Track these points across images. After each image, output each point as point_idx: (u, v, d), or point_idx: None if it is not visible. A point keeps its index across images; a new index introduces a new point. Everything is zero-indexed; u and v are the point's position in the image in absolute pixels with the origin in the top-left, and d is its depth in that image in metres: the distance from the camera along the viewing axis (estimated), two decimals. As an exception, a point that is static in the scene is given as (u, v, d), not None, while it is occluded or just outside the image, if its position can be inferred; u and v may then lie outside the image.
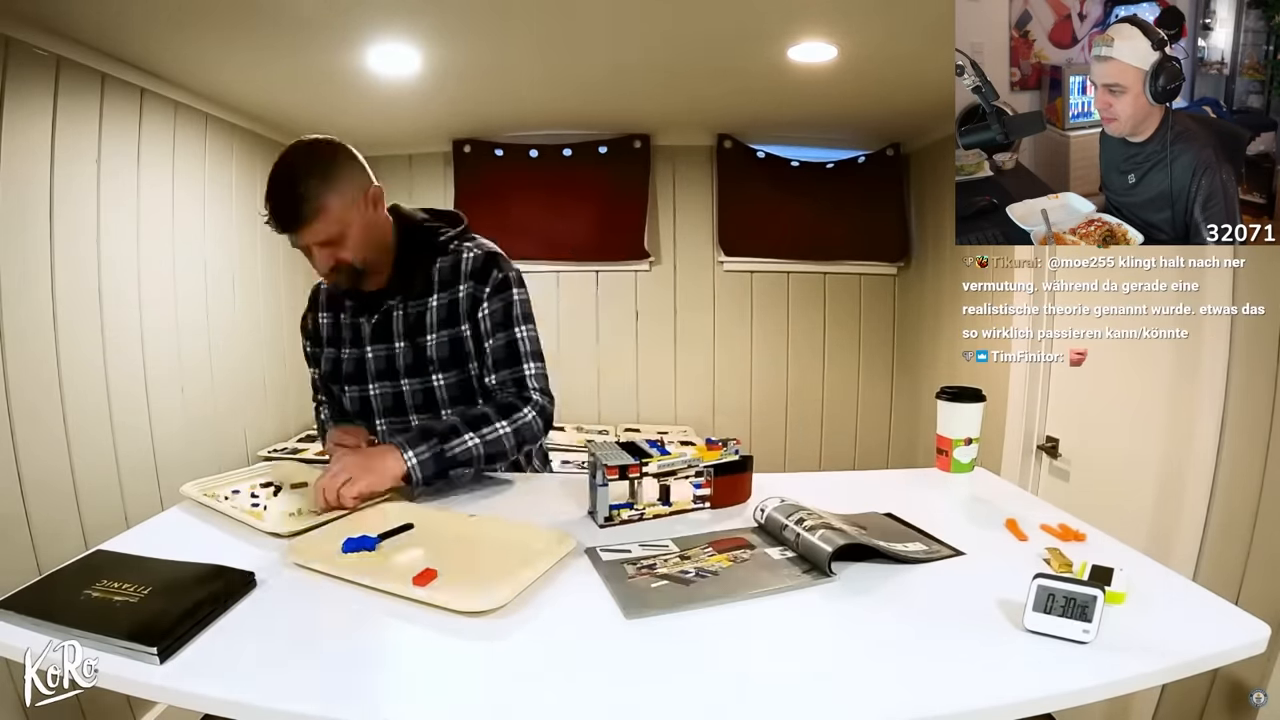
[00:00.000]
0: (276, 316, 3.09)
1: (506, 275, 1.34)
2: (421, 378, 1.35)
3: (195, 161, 2.59)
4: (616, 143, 3.32)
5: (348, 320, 1.40)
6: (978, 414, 1.32)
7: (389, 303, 1.35)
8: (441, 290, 1.34)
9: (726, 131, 3.34)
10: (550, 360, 1.40)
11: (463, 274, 1.33)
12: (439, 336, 1.34)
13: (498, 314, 1.33)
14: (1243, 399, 1.59)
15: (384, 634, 0.82)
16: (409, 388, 1.36)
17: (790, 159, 3.37)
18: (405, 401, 1.37)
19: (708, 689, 0.71)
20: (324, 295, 1.45)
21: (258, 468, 1.37)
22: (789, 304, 3.50)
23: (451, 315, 1.33)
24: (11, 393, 1.78)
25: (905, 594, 0.90)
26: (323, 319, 1.44)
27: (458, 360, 1.34)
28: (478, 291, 1.33)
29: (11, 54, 1.79)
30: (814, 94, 2.66)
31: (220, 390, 2.70)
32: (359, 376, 1.39)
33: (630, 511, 1.13)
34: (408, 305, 1.35)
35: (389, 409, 1.39)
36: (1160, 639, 0.79)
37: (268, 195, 1.20)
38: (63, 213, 1.96)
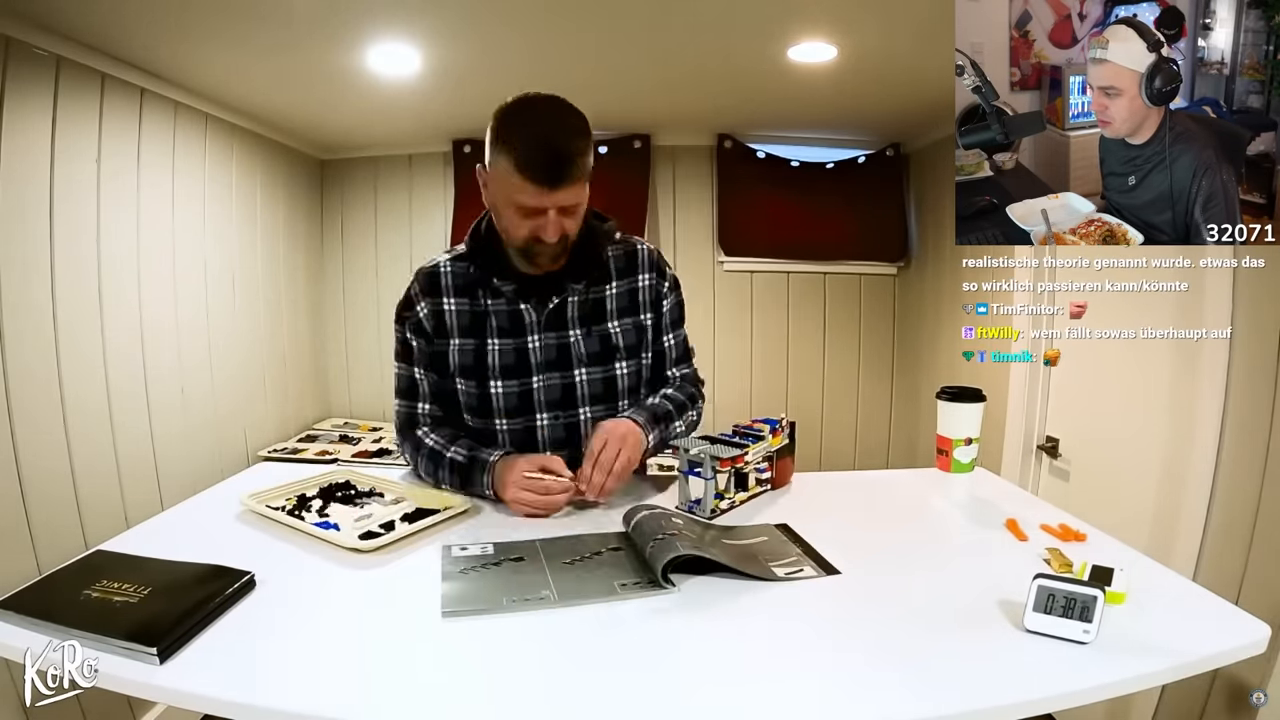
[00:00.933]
0: (276, 316, 3.09)
1: (676, 275, 1.38)
2: (604, 366, 1.29)
3: (195, 161, 2.59)
4: (616, 143, 3.32)
5: (502, 307, 1.27)
6: (978, 414, 1.32)
7: (572, 287, 1.27)
8: (619, 279, 1.31)
9: (726, 131, 3.34)
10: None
11: (640, 265, 1.33)
12: (622, 324, 1.31)
13: (676, 310, 1.37)
14: (1243, 399, 1.59)
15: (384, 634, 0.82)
16: (586, 377, 1.29)
17: (790, 159, 3.37)
18: (578, 392, 1.29)
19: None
20: (450, 280, 1.28)
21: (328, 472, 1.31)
22: (789, 304, 3.50)
23: (632, 304, 1.32)
24: (11, 393, 1.78)
25: (905, 594, 0.90)
26: (450, 306, 1.28)
27: (638, 349, 1.32)
28: (659, 284, 1.34)
29: (11, 54, 1.79)
30: (814, 94, 2.66)
31: (220, 390, 2.70)
32: (519, 369, 1.27)
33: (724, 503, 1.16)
34: (588, 292, 1.29)
35: (555, 402, 1.28)
36: (1160, 639, 0.79)
37: (533, 142, 1.11)
38: (63, 213, 1.96)
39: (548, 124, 1.13)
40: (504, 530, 1.09)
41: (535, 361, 1.27)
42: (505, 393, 1.27)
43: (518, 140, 1.12)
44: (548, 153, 1.11)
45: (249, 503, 1.14)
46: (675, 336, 1.37)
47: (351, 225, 3.48)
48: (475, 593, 0.88)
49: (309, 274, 3.36)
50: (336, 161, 3.44)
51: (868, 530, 1.11)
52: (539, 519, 1.13)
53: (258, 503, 1.14)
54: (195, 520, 1.15)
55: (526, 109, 1.15)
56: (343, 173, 3.44)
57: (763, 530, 1.09)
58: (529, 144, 1.11)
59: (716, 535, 1.04)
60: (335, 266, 3.48)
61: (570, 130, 1.13)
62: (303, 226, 3.34)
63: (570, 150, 1.11)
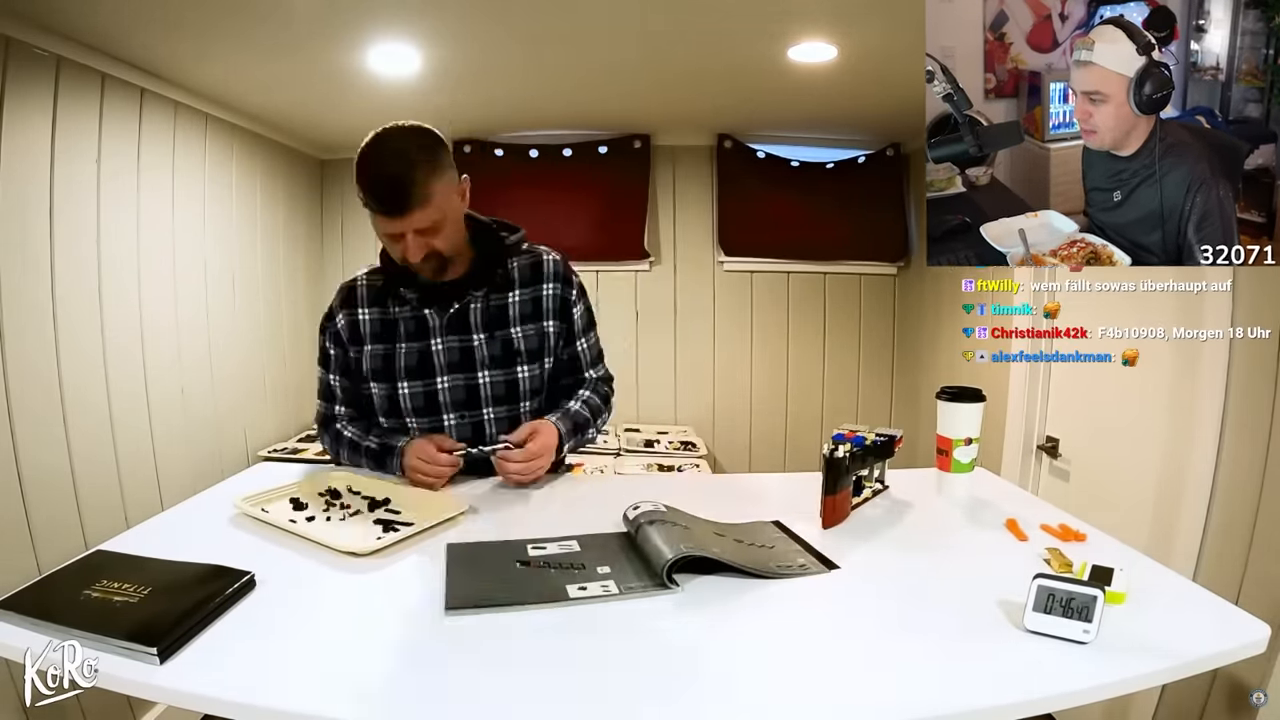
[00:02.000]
0: (276, 316, 3.09)
1: (582, 282, 1.45)
2: (506, 369, 1.37)
3: (195, 161, 2.59)
4: (616, 143, 3.32)
5: (407, 314, 1.36)
6: (978, 414, 1.31)
7: (472, 294, 1.35)
8: (523, 287, 1.39)
9: (726, 131, 3.34)
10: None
11: (545, 275, 1.40)
12: (525, 330, 1.38)
13: (584, 316, 1.46)
14: (1243, 399, 1.59)
15: (384, 633, 0.82)
16: (489, 379, 1.36)
17: (790, 159, 3.37)
18: (482, 394, 1.37)
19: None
20: (365, 291, 1.40)
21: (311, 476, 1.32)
22: (789, 304, 3.50)
23: (536, 311, 1.39)
24: (11, 393, 1.78)
25: (905, 593, 0.90)
26: (364, 315, 1.39)
27: (541, 354, 1.39)
28: (565, 293, 1.41)
29: (11, 54, 1.79)
30: (814, 94, 2.66)
31: (220, 390, 2.70)
32: (423, 370, 1.36)
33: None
34: (490, 298, 1.36)
35: (460, 402, 1.37)
36: (1160, 639, 0.79)
37: (371, 176, 1.20)
38: (63, 213, 1.96)
39: (384, 156, 1.21)
40: (506, 530, 1.09)
41: (439, 364, 1.36)
42: (411, 393, 1.37)
43: (362, 175, 1.21)
44: (385, 183, 1.19)
45: (243, 505, 1.14)
46: (588, 340, 1.47)
47: (351, 225, 3.48)
48: (477, 592, 0.88)
49: (309, 274, 3.36)
50: (336, 161, 3.44)
51: (868, 530, 1.11)
52: (534, 522, 1.13)
53: (252, 505, 1.14)
54: (195, 520, 1.15)
55: (371, 143, 1.22)
56: (343, 173, 3.44)
57: (760, 527, 1.09)
58: (369, 177, 1.20)
59: (717, 533, 1.04)
60: (335, 266, 3.47)
61: (406, 159, 1.19)
62: (303, 226, 3.34)
63: (408, 178, 1.18)
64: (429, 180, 1.20)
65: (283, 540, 1.04)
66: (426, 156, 1.21)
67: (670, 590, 0.89)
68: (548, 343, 1.40)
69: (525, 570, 0.95)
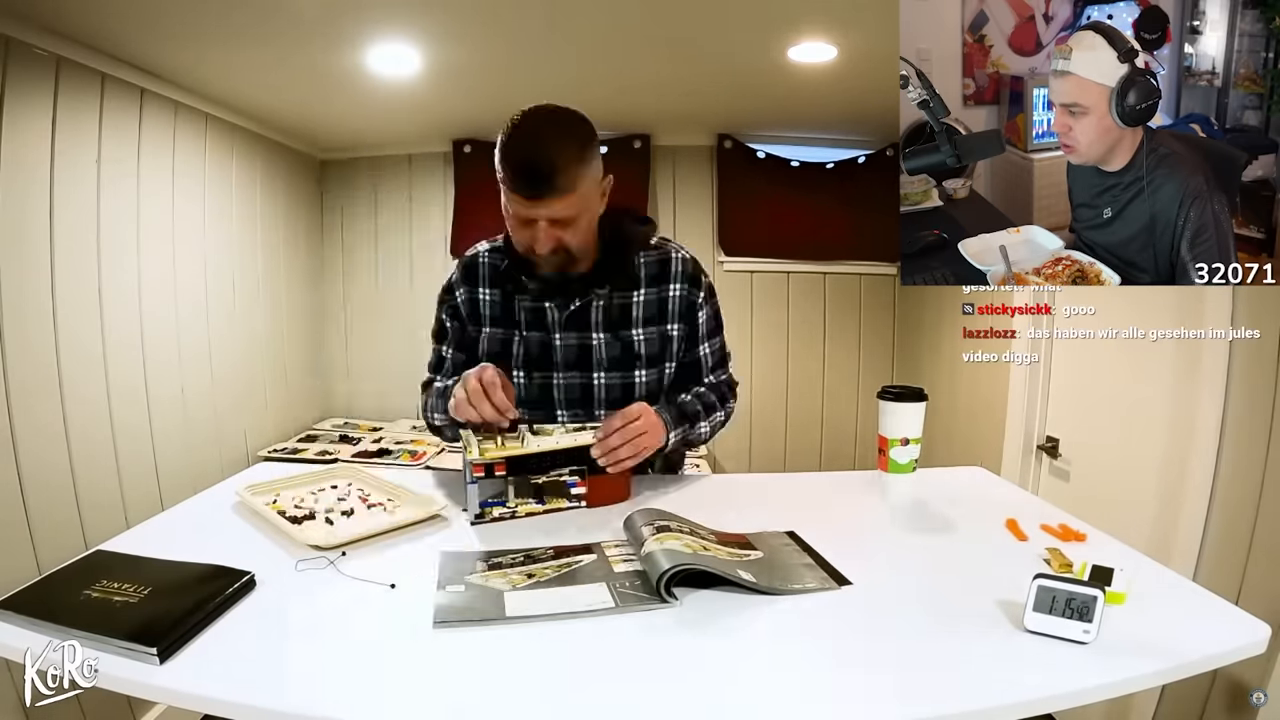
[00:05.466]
0: (276, 316, 3.09)
1: (711, 283, 1.38)
2: (623, 372, 1.31)
3: (195, 161, 2.59)
4: (616, 143, 3.32)
5: (526, 303, 1.31)
6: (918, 414, 1.25)
7: (596, 291, 1.29)
8: (649, 286, 1.32)
9: (726, 131, 3.34)
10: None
11: (674, 274, 1.33)
12: (646, 332, 1.32)
13: (711, 320, 1.38)
14: (1243, 398, 1.59)
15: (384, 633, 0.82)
16: (604, 381, 1.31)
17: (790, 159, 3.37)
18: (596, 395, 1.31)
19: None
20: (487, 270, 1.34)
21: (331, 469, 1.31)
22: (789, 304, 3.50)
23: (660, 313, 1.32)
24: (11, 392, 1.78)
25: (904, 592, 0.90)
26: (485, 295, 1.34)
27: (662, 358, 1.33)
28: (692, 295, 1.34)
29: (11, 54, 1.79)
30: (814, 94, 2.66)
31: (220, 390, 2.70)
32: (544, 363, 1.31)
33: (498, 510, 1.16)
34: (613, 297, 1.31)
35: (574, 400, 1.32)
36: (1160, 639, 0.79)
37: (518, 153, 1.13)
38: (63, 213, 1.96)
39: (534, 136, 1.15)
40: (500, 539, 1.08)
41: (557, 359, 1.30)
42: (528, 384, 1.31)
43: (509, 150, 1.14)
44: (529, 165, 1.13)
45: (244, 494, 1.15)
46: (711, 345, 1.39)
47: (351, 225, 3.48)
48: (470, 602, 0.87)
49: (309, 274, 3.36)
50: (336, 161, 3.44)
51: (868, 530, 1.11)
52: (531, 529, 1.10)
53: (251, 494, 1.15)
54: (195, 520, 1.15)
55: (521, 120, 1.16)
56: (343, 173, 3.44)
57: (768, 538, 1.05)
58: (514, 156, 1.14)
59: (721, 543, 1.00)
60: (335, 266, 3.48)
61: (555, 144, 1.13)
62: (303, 226, 3.34)
63: (553, 164, 1.12)
64: (578, 171, 1.14)
65: (283, 540, 1.04)
66: (579, 146, 1.15)
67: (669, 605, 0.85)
68: (670, 347, 1.33)
69: (519, 579, 0.94)
